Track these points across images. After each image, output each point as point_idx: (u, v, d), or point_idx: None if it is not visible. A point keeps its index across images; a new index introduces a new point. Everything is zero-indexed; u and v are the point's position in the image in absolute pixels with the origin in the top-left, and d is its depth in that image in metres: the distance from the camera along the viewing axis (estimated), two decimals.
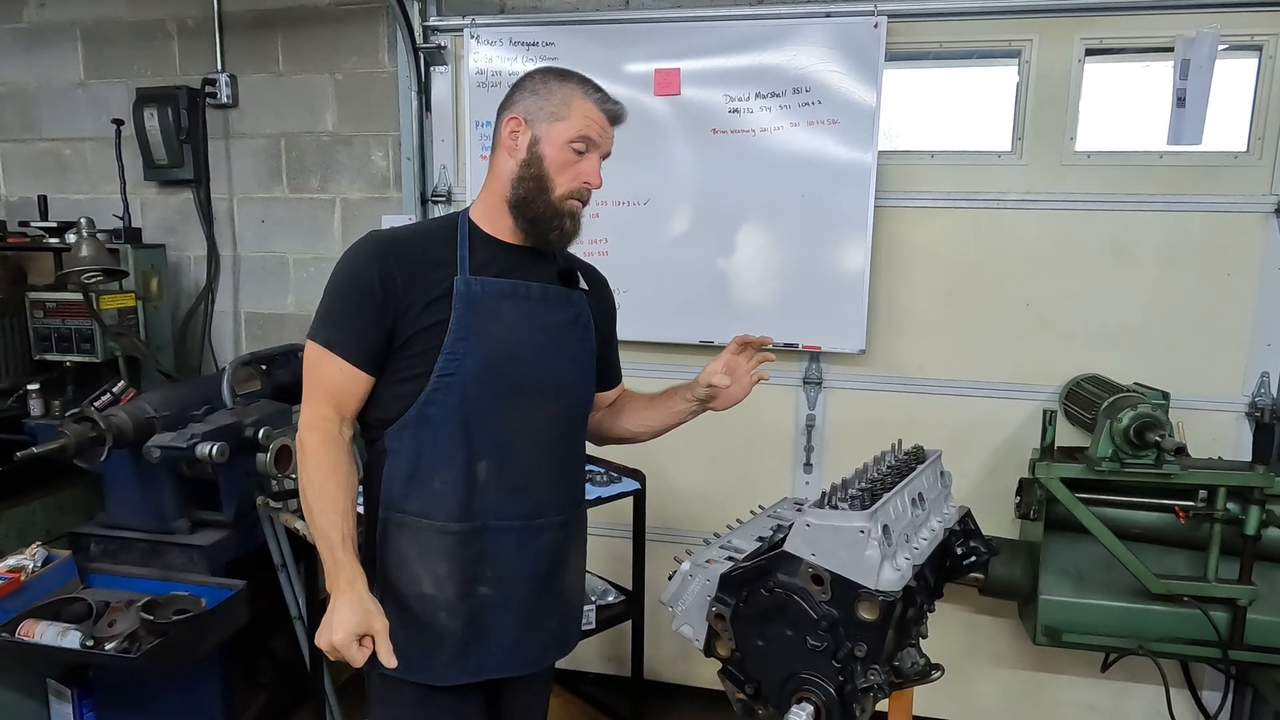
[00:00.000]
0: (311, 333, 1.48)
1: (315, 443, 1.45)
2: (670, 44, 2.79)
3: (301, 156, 3.31)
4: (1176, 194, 2.62)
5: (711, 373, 1.59)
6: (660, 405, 1.72)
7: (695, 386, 1.63)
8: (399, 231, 1.58)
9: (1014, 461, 2.73)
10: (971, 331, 2.81)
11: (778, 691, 1.31)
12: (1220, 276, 2.62)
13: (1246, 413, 2.66)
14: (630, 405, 1.79)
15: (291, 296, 3.41)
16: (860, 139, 2.67)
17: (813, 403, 2.93)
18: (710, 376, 1.59)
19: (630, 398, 1.81)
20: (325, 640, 1.36)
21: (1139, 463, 2.25)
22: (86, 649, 2.18)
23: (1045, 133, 2.68)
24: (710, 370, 1.60)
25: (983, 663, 2.92)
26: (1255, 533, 2.24)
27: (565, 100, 1.48)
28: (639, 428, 1.76)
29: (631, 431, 1.78)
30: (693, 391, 1.64)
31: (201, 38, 3.30)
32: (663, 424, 1.74)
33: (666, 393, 1.72)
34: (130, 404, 2.50)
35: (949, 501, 1.64)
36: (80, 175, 3.52)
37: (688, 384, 1.67)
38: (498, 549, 1.52)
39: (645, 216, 2.88)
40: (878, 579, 1.23)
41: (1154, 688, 2.62)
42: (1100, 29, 2.61)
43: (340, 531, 1.41)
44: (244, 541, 2.59)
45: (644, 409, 1.75)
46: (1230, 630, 2.31)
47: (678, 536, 2.88)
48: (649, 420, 1.74)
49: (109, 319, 2.92)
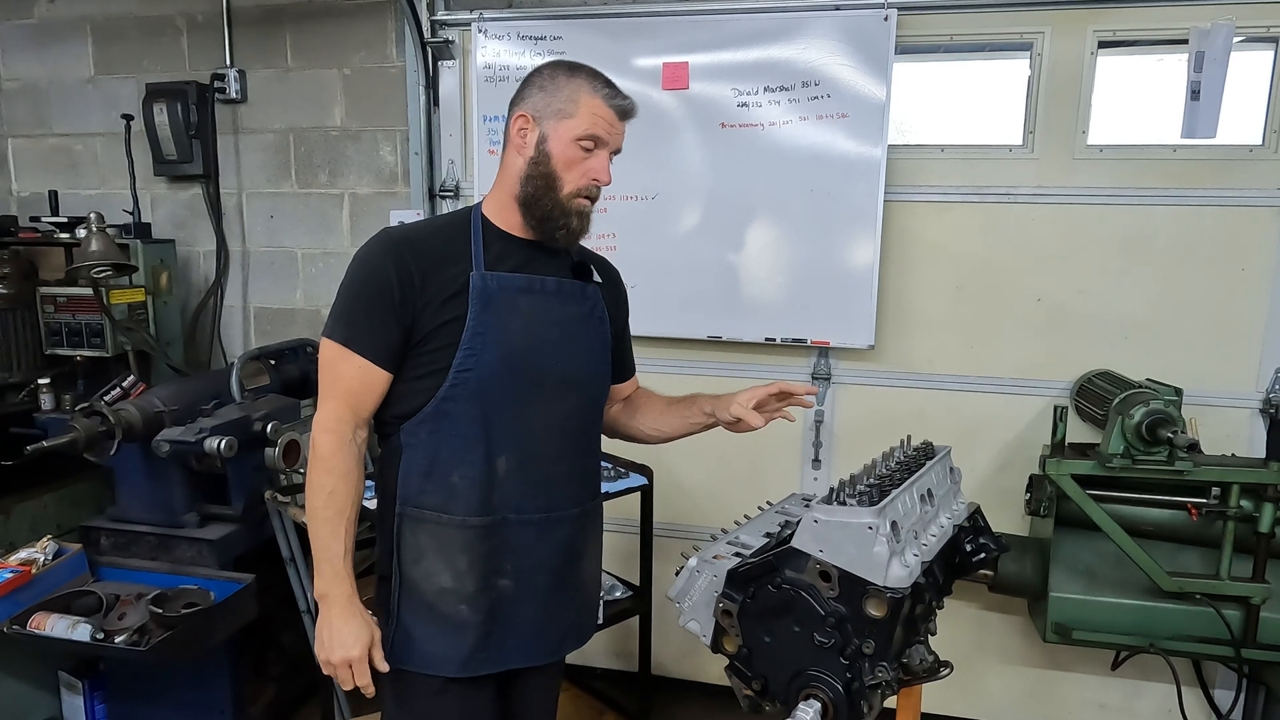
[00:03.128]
0: (328, 331, 1.48)
1: (330, 446, 1.45)
2: (678, 38, 2.77)
3: (310, 151, 3.31)
4: (1190, 188, 2.59)
5: (746, 406, 1.56)
6: (677, 413, 1.71)
7: (720, 407, 1.60)
8: (413, 228, 1.58)
9: (1024, 458, 2.72)
10: (982, 327, 2.79)
11: (785, 688, 1.30)
12: (1234, 271, 2.60)
13: (1260, 409, 2.63)
14: (646, 406, 1.78)
15: (300, 291, 3.42)
16: (870, 133, 2.65)
17: (821, 398, 2.92)
18: (744, 412, 1.55)
19: (647, 398, 1.80)
20: (340, 657, 1.43)
21: (1151, 459, 2.24)
22: (97, 641, 2.19)
23: (1057, 127, 2.66)
24: (745, 403, 1.56)
25: (992, 660, 2.91)
26: (1269, 530, 2.22)
27: (573, 97, 1.47)
28: (652, 430, 1.76)
29: (644, 433, 1.78)
30: (717, 412, 1.61)
31: (210, 33, 3.31)
32: (677, 431, 1.73)
33: (685, 401, 1.71)
34: (140, 398, 2.51)
35: (958, 498, 1.63)
36: (90, 171, 3.53)
37: (710, 398, 1.65)
38: (517, 542, 1.53)
39: (653, 211, 2.87)
40: (886, 575, 1.22)
41: (1165, 686, 2.60)
42: (1113, 21, 2.58)
43: (343, 543, 1.44)
44: (252, 536, 2.60)
45: (661, 413, 1.75)
46: (1243, 628, 2.30)
47: (685, 532, 2.88)
48: (664, 425, 1.74)
49: (119, 314, 2.93)
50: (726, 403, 1.59)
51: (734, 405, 1.57)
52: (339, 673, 1.45)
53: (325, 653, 1.45)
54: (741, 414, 1.55)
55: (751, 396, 1.57)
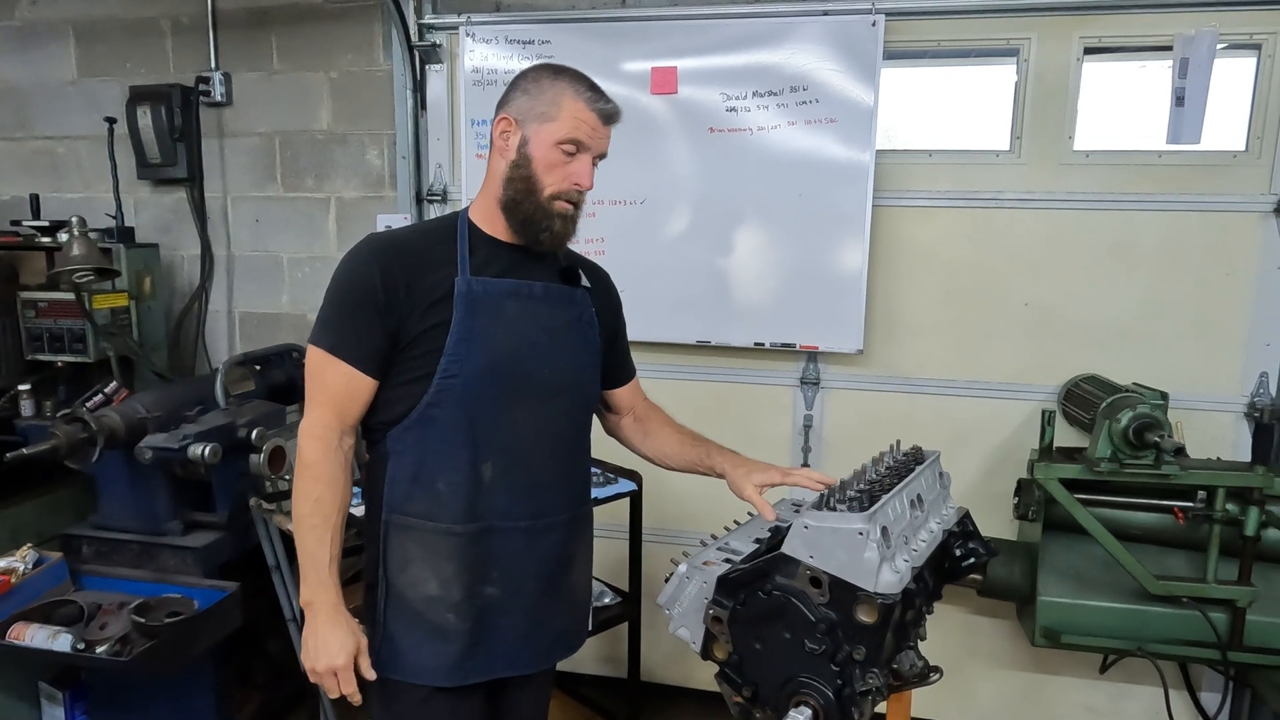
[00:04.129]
0: (313, 338, 1.47)
1: (316, 453, 1.44)
2: (667, 42, 2.77)
3: (296, 155, 3.29)
4: (1175, 193, 2.61)
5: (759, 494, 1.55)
6: (689, 455, 1.71)
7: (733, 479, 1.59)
8: (399, 233, 1.57)
9: (1012, 462, 2.72)
10: (969, 332, 2.80)
11: (775, 694, 1.29)
12: (1219, 276, 2.61)
13: (1245, 413, 2.65)
14: (660, 434, 1.77)
15: (286, 296, 3.39)
16: (858, 138, 2.66)
17: (810, 403, 2.92)
18: (756, 500, 1.54)
19: (662, 424, 1.79)
20: (326, 665, 1.42)
21: (1138, 463, 2.25)
22: (78, 651, 2.16)
23: (1044, 132, 2.67)
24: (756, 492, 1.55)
25: (981, 664, 2.91)
26: (1255, 533, 2.24)
27: (555, 100, 1.47)
28: (660, 458, 1.77)
29: (652, 458, 1.79)
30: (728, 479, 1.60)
31: (195, 35, 3.28)
32: (684, 469, 1.74)
33: (701, 446, 1.70)
34: (122, 404, 2.48)
35: (948, 503, 1.62)
36: (73, 174, 3.49)
37: (727, 459, 1.63)
38: (504, 549, 1.52)
39: (642, 216, 2.87)
40: (876, 581, 1.22)
41: (1153, 689, 2.61)
42: (1099, 27, 2.60)
43: (329, 551, 1.44)
44: (237, 543, 2.57)
45: (675, 447, 1.74)
46: (1229, 631, 2.31)
47: (675, 538, 2.87)
48: (673, 460, 1.75)
49: (101, 319, 2.90)
50: (742, 480, 1.57)
51: (747, 490, 1.56)
52: (325, 681, 1.44)
53: (311, 661, 1.44)
54: (756, 502, 1.54)
55: (767, 482, 1.56)
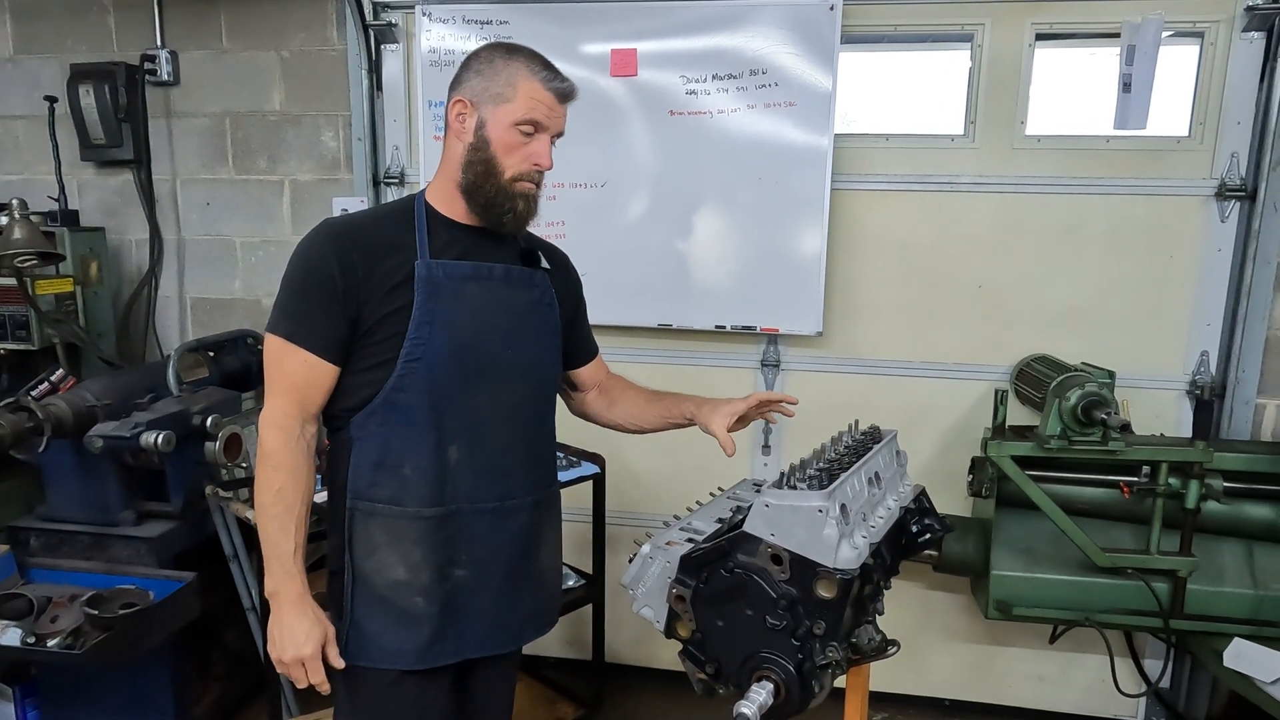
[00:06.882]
0: (271, 326, 1.45)
1: (277, 442, 1.43)
2: (627, 24, 2.75)
3: (248, 137, 3.21)
4: (1122, 178, 2.68)
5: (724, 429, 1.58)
6: (656, 410, 1.73)
7: (702, 417, 1.62)
8: (355, 218, 1.56)
9: (967, 440, 2.79)
10: (926, 313, 2.85)
11: (738, 670, 1.31)
12: (1163, 258, 2.69)
13: (1187, 390, 2.74)
14: (625, 398, 1.79)
15: (239, 281, 3.32)
16: (817, 121, 2.67)
17: (771, 385, 2.95)
18: (721, 435, 1.57)
19: (624, 389, 1.80)
20: (293, 655, 1.41)
21: (1086, 440, 2.31)
22: (28, 646, 2.12)
23: (997, 116, 2.72)
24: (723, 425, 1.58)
25: (937, 637, 2.99)
26: (1195, 506, 2.32)
27: (510, 81, 1.45)
28: (628, 422, 1.78)
29: (620, 424, 1.79)
30: (698, 419, 1.63)
31: (139, 11, 3.17)
32: (654, 427, 1.75)
33: (667, 400, 1.72)
34: (70, 392, 2.41)
35: (905, 480, 1.66)
36: (12, 155, 3.37)
37: (693, 402, 1.66)
38: (472, 531, 1.52)
39: (603, 199, 2.86)
40: (835, 557, 1.24)
41: (1099, 657, 2.70)
42: (1050, 14, 2.65)
43: (294, 541, 1.43)
44: (193, 532, 2.52)
45: (641, 407, 1.76)
46: (1171, 600, 2.40)
47: (638, 520, 2.89)
48: (642, 420, 1.76)
49: (45, 305, 2.81)
50: (709, 415, 1.61)
51: (715, 423, 1.59)
52: (292, 671, 1.43)
53: (278, 651, 1.43)
54: (719, 435, 1.57)
55: (733, 412, 1.60)
